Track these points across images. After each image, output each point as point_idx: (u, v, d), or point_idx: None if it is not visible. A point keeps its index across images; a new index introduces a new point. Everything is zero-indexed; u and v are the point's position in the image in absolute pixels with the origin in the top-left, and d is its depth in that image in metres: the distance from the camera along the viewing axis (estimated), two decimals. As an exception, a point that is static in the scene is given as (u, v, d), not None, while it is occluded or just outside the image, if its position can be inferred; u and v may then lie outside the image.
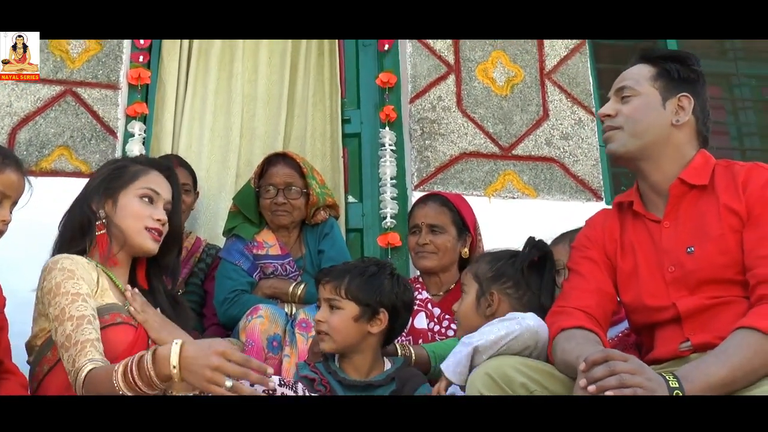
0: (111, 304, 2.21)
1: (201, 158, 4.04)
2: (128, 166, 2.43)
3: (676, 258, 2.09)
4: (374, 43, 4.34)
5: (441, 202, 3.17)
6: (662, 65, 2.22)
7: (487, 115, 4.11)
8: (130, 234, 2.32)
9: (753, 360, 1.78)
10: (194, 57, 4.25)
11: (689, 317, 2.04)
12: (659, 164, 2.17)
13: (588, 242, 2.29)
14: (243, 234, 3.36)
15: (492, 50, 4.23)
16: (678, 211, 2.14)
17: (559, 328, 2.07)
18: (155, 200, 2.38)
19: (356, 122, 4.26)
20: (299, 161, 3.41)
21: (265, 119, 4.21)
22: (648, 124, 2.17)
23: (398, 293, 2.46)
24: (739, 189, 2.06)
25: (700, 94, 2.22)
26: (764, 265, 1.94)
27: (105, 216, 2.33)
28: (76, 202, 2.42)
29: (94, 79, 3.88)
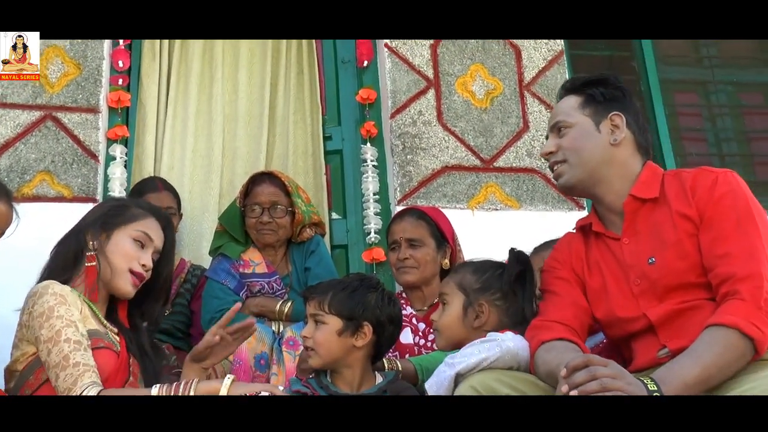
0: (93, 330, 2.24)
1: (183, 180, 4.03)
2: (130, 207, 2.49)
3: (640, 270, 2.14)
4: (353, 59, 4.36)
5: (417, 216, 3.18)
6: (586, 92, 2.29)
7: (467, 128, 4.13)
8: (114, 272, 2.35)
9: (724, 355, 1.82)
10: (174, 79, 4.25)
11: (662, 325, 2.08)
12: (610, 185, 2.22)
13: (557, 263, 2.34)
14: (229, 253, 3.36)
15: (471, 64, 4.27)
16: (635, 226, 2.19)
17: (539, 341, 2.10)
18: (146, 246, 2.41)
19: (338, 139, 4.28)
20: (284, 180, 3.41)
21: (247, 139, 4.21)
22: (589, 151, 2.22)
23: (382, 307, 2.46)
24: (689, 195, 2.12)
25: (629, 108, 2.27)
26: (723, 264, 1.99)
27: (96, 249, 2.36)
28: (72, 231, 2.44)
29: (74, 104, 3.88)
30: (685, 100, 4.82)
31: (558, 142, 2.28)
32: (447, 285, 2.43)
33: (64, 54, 3.94)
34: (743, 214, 2.04)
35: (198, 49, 4.31)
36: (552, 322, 2.17)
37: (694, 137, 4.75)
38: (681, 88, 4.77)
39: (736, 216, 2.04)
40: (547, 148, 2.31)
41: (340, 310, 2.41)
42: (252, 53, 4.38)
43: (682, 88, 4.77)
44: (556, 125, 2.30)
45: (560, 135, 2.28)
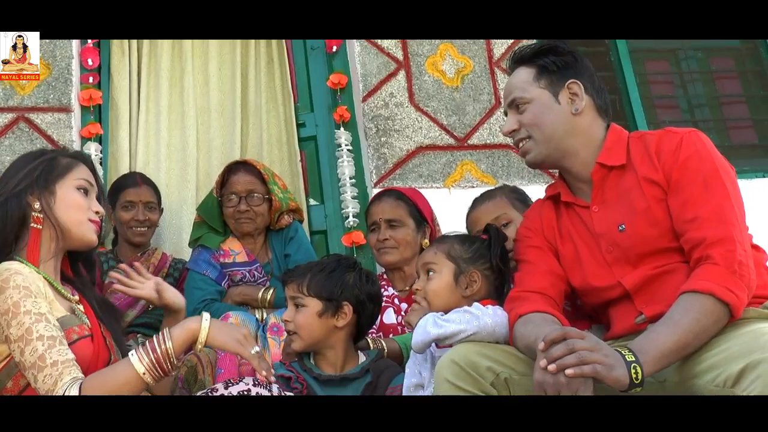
0: (61, 319, 2.10)
1: (159, 174, 4.03)
2: (58, 158, 2.28)
3: (611, 238, 2.13)
4: (322, 46, 4.38)
5: (396, 197, 3.19)
6: (538, 63, 2.25)
7: (440, 108, 4.15)
8: (73, 226, 2.21)
9: (701, 322, 1.83)
10: (144, 74, 4.25)
11: (637, 291, 2.08)
12: (576, 155, 2.21)
13: (529, 232, 2.33)
14: (208, 243, 3.37)
15: (440, 43, 4.29)
16: (603, 193, 2.18)
17: (516, 315, 2.09)
18: (90, 192, 2.28)
19: (311, 125, 4.29)
20: (260, 168, 3.43)
21: (221, 130, 4.22)
22: (552, 124, 2.20)
23: (361, 286, 2.49)
24: (654, 159, 2.10)
25: (583, 73, 2.24)
26: (693, 228, 1.98)
27: (41, 209, 2.17)
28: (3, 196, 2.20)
29: (46, 104, 3.88)
30: (656, 68, 4.85)
31: (518, 119, 2.25)
32: (433, 255, 2.41)
33: (33, 55, 3.93)
34: (709, 175, 2.03)
35: (167, 44, 4.30)
36: (529, 292, 2.17)
37: (666, 105, 4.78)
38: (651, 56, 4.79)
39: (703, 178, 2.02)
40: (508, 126, 2.29)
41: (319, 292, 2.43)
42: (221, 45, 4.37)
43: (652, 56, 4.80)
44: (513, 102, 2.27)
45: (519, 111, 2.25)
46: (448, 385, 1.92)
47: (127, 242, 3.58)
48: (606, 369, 1.70)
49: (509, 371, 1.95)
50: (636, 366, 1.73)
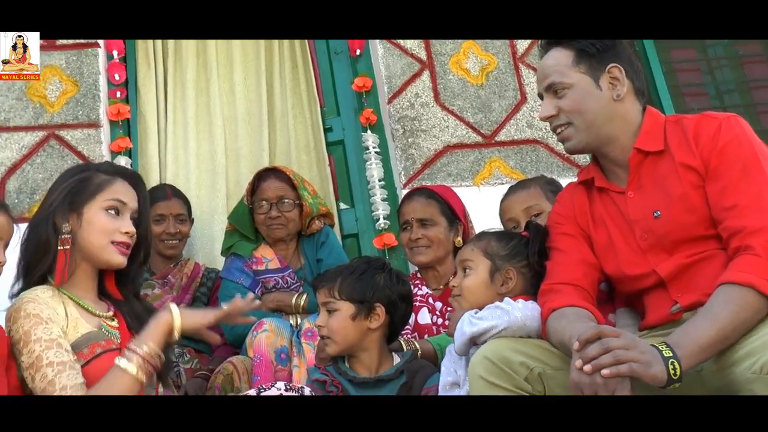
0: (86, 335, 2.15)
1: (189, 185, 4.06)
2: (92, 177, 2.30)
3: (646, 225, 2.09)
4: (346, 49, 4.38)
5: (427, 195, 3.19)
6: (576, 46, 2.17)
7: (465, 106, 4.14)
8: (96, 250, 2.23)
9: (740, 314, 1.79)
10: (170, 86, 4.28)
11: (672, 279, 2.05)
12: (617, 141, 2.15)
13: (561, 218, 2.29)
14: (241, 252, 3.39)
15: (463, 42, 4.27)
16: (639, 179, 2.13)
17: (549, 309, 2.07)
18: (122, 211, 2.27)
19: (338, 129, 4.30)
20: (289, 174, 3.44)
21: (248, 138, 4.24)
22: (594, 112, 2.13)
23: (392, 286, 2.49)
24: (692, 144, 2.05)
25: (623, 55, 2.17)
26: (732, 216, 1.94)
27: (69, 231, 2.21)
28: (38, 219, 2.27)
29: (75, 120, 3.92)
30: (682, 56, 4.79)
31: (557, 104, 2.17)
32: (470, 251, 2.40)
33: (61, 72, 3.98)
34: (749, 161, 1.98)
35: (191, 55, 4.34)
36: (561, 284, 2.14)
37: (694, 92, 4.73)
38: (677, 44, 4.73)
39: (742, 164, 1.97)
40: (546, 111, 2.20)
41: (351, 295, 2.44)
42: (245, 53, 4.40)
43: (678, 44, 4.74)
44: (551, 86, 2.18)
45: (558, 96, 2.16)
46: (482, 381, 1.91)
47: (160, 255, 3.61)
48: (643, 367, 1.67)
49: (543, 366, 1.94)
50: (674, 361, 1.69)
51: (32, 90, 3.93)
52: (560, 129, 2.20)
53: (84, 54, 4.04)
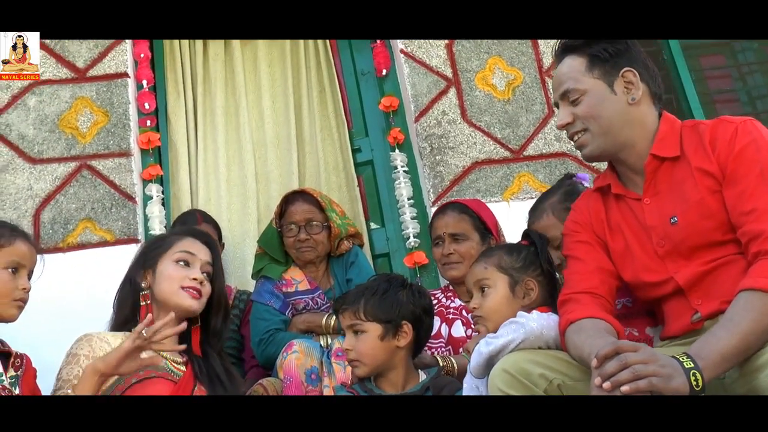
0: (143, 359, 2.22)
1: (221, 210, 4.11)
2: (167, 237, 2.57)
3: (663, 231, 2.07)
4: (372, 70, 4.41)
5: (460, 210, 3.18)
6: (588, 52, 2.15)
7: (493, 122, 4.14)
8: (168, 297, 2.41)
9: (761, 321, 1.75)
10: (200, 113, 4.34)
11: (691, 287, 2.02)
12: (633, 146, 2.13)
13: (577, 226, 2.27)
14: (271, 274, 3.41)
15: (488, 57, 4.27)
16: (656, 185, 2.11)
17: (567, 321, 2.04)
18: (191, 262, 2.47)
19: (367, 150, 4.32)
20: (317, 196, 3.46)
21: (278, 162, 4.28)
22: (609, 117, 2.11)
23: (415, 301, 2.48)
24: (708, 149, 2.02)
25: (637, 59, 2.15)
26: (751, 221, 1.91)
27: (147, 287, 2.45)
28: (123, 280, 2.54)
29: (106, 150, 3.98)
30: (711, 62, 4.75)
31: (573, 111, 2.15)
32: (484, 270, 2.36)
33: (92, 103, 4.05)
34: (767, 164, 1.94)
35: (220, 81, 4.40)
36: (579, 293, 2.11)
37: (725, 99, 4.68)
38: (706, 51, 4.70)
39: (760, 168, 1.94)
40: (562, 119, 2.18)
41: (377, 315, 2.43)
42: (273, 78, 4.46)
43: (707, 51, 4.70)
44: (566, 94, 2.17)
45: (573, 103, 2.15)
46: (501, 394, 1.89)
47: (192, 279, 3.64)
48: (663, 381, 1.64)
49: (562, 377, 1.92)
50: (696, 372, 1.66)
51: (64, 122, 4.01)
52: (577, 136, 2.18)
53: (114, 84, 4.11)
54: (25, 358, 2.28)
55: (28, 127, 4.00)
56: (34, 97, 4.06)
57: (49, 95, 4.07)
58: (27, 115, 4.02)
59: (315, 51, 4.51)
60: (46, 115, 4.03)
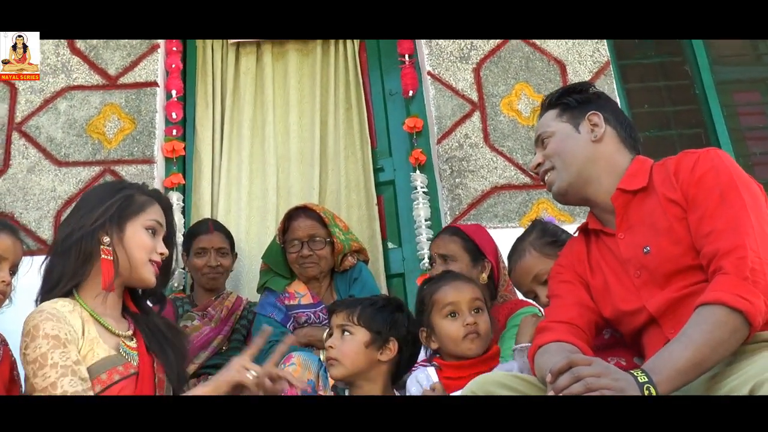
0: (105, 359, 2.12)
1: (240, 221, 4.15)
2: (135, 195, 2.34)
3: (638, 262, 2.09)
4: (399, 90, 4.42)
5: (451, 232, 3.16)
6: (561, 101, 2.31)
7: (515, 147, 4.12)
8: (135, 265, 2.25)
9: (715, 333, 1.74)
10: (227, 125, 4.40)
11: (662, 315, 2.02)
12: (599, 183, 2.20)
13: (560, 268, 2.32)
14: (274, 287, 3.44)
15: (515, 83, 4.26)
16: (628, 220, 2.15)
17: (536, 346, 2.07)
18: (158, 233, 2.33)
19: (389, 170, 4.34)
20: (319, 212, 3.49)
21: (300, 177, 4.31)
22: (572, 152, 2.22)
23: (408, 325, 2.54)
24: (673, 179, 2.06)
25: (605, 106, 2.28)
26: (709, 242, 1.92)
27: (110, 243, 2.22)
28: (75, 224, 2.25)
29: (130, 156, 4.05)
30: (745, 99, 4.67)
31: (543, 153, 2.29)
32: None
33: (120, 110, 4.14)
34: (726, 188, 1.96)
35: (249, 94, 4.46)
36: (554, 322, 2.13)
37: (758, 136, 4.57)
38: (740, 87, 4.62)
39: (719, 192, 1.96)
40: (534, 161, 2.34)
41: (369, 323, 2.48)
42: (302, 93, 4.50)
43: (741, 87, 4.62)
44: (539, 138, 2.32)
45: (544, 146, 2.29)
46: None
47: (201, 287, 3.68)
48: (616, 394, 1.63)
49: None
50: (650, 387, 1.65)
51: (92, 127, 4.10)
52: (546, 175, 2.29)
53: (143, 93, 4.19)
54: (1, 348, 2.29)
55: (57, 131, 4.09)
56: (65, 101, 4.16)
57: (80, 100, 4.16)
58: (57, 119, 4.12)
59: (345, 69, 4.55)
60: (75, 119, 4.12)
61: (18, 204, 3.95)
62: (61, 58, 4.26)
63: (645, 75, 4.55)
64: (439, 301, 2.51)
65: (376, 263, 4.04)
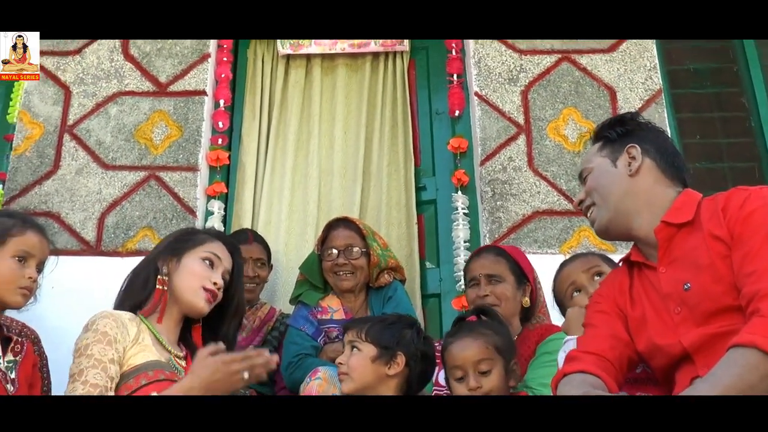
0: (153, 362, 2.25)
1: (279, 233, 4.17)
2: (197, 233, 2.58)
3: (678, 298, 2.03)
4: (446, 110, 4.41)
5: (496, 252, 3.12)
6: (602, 135, 2.32)
7: (559, 173, 4.07)
8: (186, 291, 2.40)
9: (744, 377, 1.68)
10: (272, 137, 4.44)
11: (697, 351, 1.96)
12: (640, 217, 2.16)
13: (600, 298, 2.28)
14: (307, 300, 3.44)
15: (563, 107, 4.22)
16: (671, 254, 2.09)
17: (561, 374, 2.05)
18: (216, 265, 2.47)
19: (432, 189, 4.32)
20: (359, 224, 3.50)
21: (342, 192, 4.32)
22: (608, 187, 2.21)
23: (417, 342, 2.55)
24: (720, 215, 2.01)
25: (644, 138, 2.25)
26: (750, 282, 1.85)
27: (167, 273, 2.43)
28: (145, 259, 2.54)
29: (175, 163, 4.11)
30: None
31: (585, 189, 2.29)
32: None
33: (168, 117, 4.20)
34: None
35: (296, 107, 4.49)
36: (584, 353, 2.10)
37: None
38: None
39: (766, 231, 1.90)
40: (577, 198, 2.33)
41: (376, 339, 2.52)
42: (348, 109, 4.51)
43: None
44: (581, 174, 2.33)
45: (584, 181, 2.30)
46: None
47: (237, 297, 3.69)
48: None
49: None
50: None
51: (140, 132, 4.17)
52: (589, 212, 2.28)
53: (191, 101, 4.25)
54: (25, 344, 2.34)
55: (107, 135, 4.17)
56: (116, 106, 4.24)
57: (130, 106, 4.24)
58: (107, 123, 4.19)
59: (393, 86, 4.56)
60: (125, 124, 4.19)
61: (65, 205, 4.03)
62: (114, 63, 4.34)
63: (698, 105, 4.46)
64: (448, 362, 2.52)
65: (412, 282, 4.01)
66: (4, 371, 2.19)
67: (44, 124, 4.21)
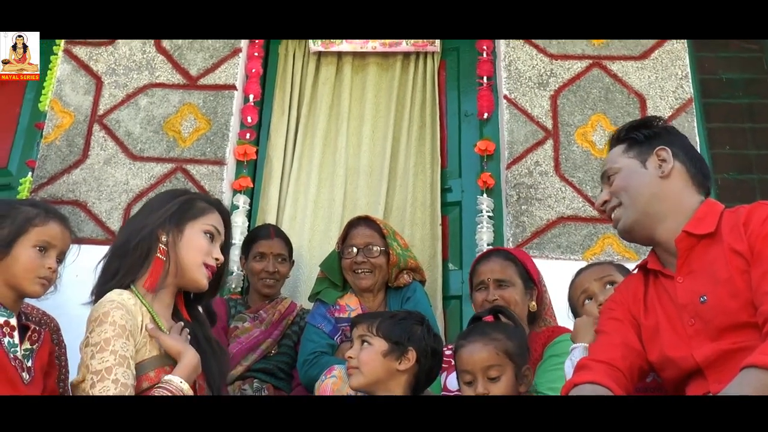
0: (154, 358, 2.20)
1: (304, 229, 4.19)
2: (196, 201, 2.45)
3: (693, 310, 2.02)
4: (475, 112, 4.40)
5: (504, 256, 3.10)
6: (628, 136, 2.28)
7: (586, 179, 4.04)
8: (189, 266, 2.34)
9: None
10: (300, 134, 4.45)
11: (709, 367, 1.95)
12: (664, 222, 2.13)
13: (614, 304, 2.26)
14: (326, 298, 3.44)
15: (592, 114, 4.19)
16: (690, 264, 2.08)
17: (571, 384, 2.04)
18: (215, 239, 2.41)
19: (457, 191, 4.31)
20: (380, 223, 3.50)
21: (367, 190, 4.33)
22: (637, 188, 2.18)
23: (427, 338, 2.53)
24: (741, 229, 1.99)
25: (674, 141, 2.23)
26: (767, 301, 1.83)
27: (167, 243, 2.33)
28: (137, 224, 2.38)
29: (203, 156, 4.14)
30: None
31: (609, 189, 2.25)
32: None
33: (197, 110, 4.22)
34: None
35: (326, 105, 4.50)
36: (596, 362, 2.09)
37: None
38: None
39: None
40: (600, 198, 2.30)
41: (387, 334, 2.50)
42: (377, 108, 4.52)
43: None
44: (605, 175, 2.29)
45: (610, 182, 2.26)
46: None
47: (257, 292, 3.71)
48: None
49: None
50: None
51: (169, 125, 4.20)
52: (613, 213, 2.25)
53: (221, 95, 4.27)
54: (43, 333, 2.36)
55: (136, 126, 4.21)
56: (146, 98, 4.27)
57: (160, 98, 4.27)
58: (136, 114, 4.23)
59: (423, 87, 4.56)
60: (154, 116, 4.22)
61: (92, 194, 4.07)
62: (146, 55, 4.38)
63: (730, 115, 4.41)
64: (459, 365, 2.49)
65: (434, 283, 4.02)
66: (21, 359, 2.20)
67: (75, 114, 4.26)
